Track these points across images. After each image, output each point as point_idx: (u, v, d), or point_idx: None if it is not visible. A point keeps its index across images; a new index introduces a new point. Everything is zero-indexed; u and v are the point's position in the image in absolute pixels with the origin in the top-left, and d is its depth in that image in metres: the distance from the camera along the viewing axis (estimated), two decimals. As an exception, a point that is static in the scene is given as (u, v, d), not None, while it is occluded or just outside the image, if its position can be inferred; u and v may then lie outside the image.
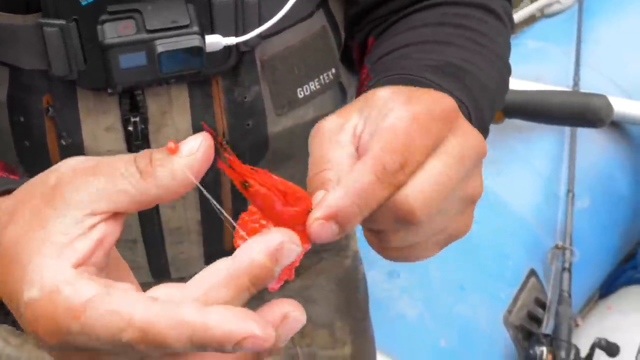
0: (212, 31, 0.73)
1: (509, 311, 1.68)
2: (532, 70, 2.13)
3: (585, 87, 1.99)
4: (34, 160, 0.79)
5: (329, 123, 0.54)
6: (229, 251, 0.45)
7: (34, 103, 0.75)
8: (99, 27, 0.69)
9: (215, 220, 0.76)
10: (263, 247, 0.43)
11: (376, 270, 1.61)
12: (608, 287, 2.12)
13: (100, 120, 0.76)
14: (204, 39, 0.70)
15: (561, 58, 2.14)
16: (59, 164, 0.48)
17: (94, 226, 0.46)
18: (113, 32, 0.69)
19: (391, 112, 0.51)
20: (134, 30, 0.69)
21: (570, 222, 1.79)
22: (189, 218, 0.84)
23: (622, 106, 1.97)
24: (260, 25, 0.73)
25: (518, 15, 2.43)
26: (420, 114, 0.50)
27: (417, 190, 0.48)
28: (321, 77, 0.84)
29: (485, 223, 1.79)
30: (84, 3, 0.69)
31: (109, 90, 0.73)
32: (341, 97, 0.89)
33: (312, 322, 1.03)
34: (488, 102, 0.70)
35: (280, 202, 0.47)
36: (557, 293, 1.69)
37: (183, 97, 0.77)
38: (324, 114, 0.85)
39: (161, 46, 0.69)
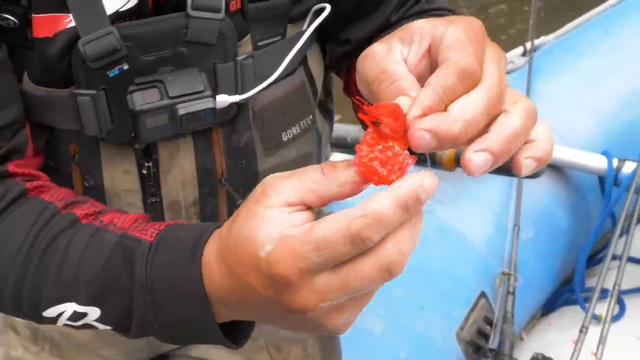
0: (217, 90, 0.74)
1: (461, 328, 1.68)
2: (486, 120, 2.14)
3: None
4: None
5: (378, 47, 0.54)
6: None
7: (63, 151, 0.77)
8: (128, 96, 0.70)
9: (210, 198, 0.81)
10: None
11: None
12: (549, 307, 2.13)
13: (118, 165, 0.77)
14: (215, 100, 0.72)
15: (512, 110, 2.14)
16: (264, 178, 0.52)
17: (291, 213, 0.49)
18: (141, 100, 0.70)
19: (442, 31, 0.52)
20: (159, 97, 0.70)
21: (516, 252, 1.80)
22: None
23: (562, 153, 1.99)
24: (254, 81, 0.76)
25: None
26: (467, 28, 0.51)
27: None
28: (301, 123, 0.85)
29: (443, 250, 1.81)
30: (110, 75, 0.70)
31: (136, 145, 0.75)
32: (317, 139, 0.89)
33: (287, 339, 1.03)
34: None
35: (392, 126, 0.49)
36: (502, 313, 1.70)
37: (188, 143, 0.78)
38: (304, 153, 0.86)
39: (182, 109, 0.71)
